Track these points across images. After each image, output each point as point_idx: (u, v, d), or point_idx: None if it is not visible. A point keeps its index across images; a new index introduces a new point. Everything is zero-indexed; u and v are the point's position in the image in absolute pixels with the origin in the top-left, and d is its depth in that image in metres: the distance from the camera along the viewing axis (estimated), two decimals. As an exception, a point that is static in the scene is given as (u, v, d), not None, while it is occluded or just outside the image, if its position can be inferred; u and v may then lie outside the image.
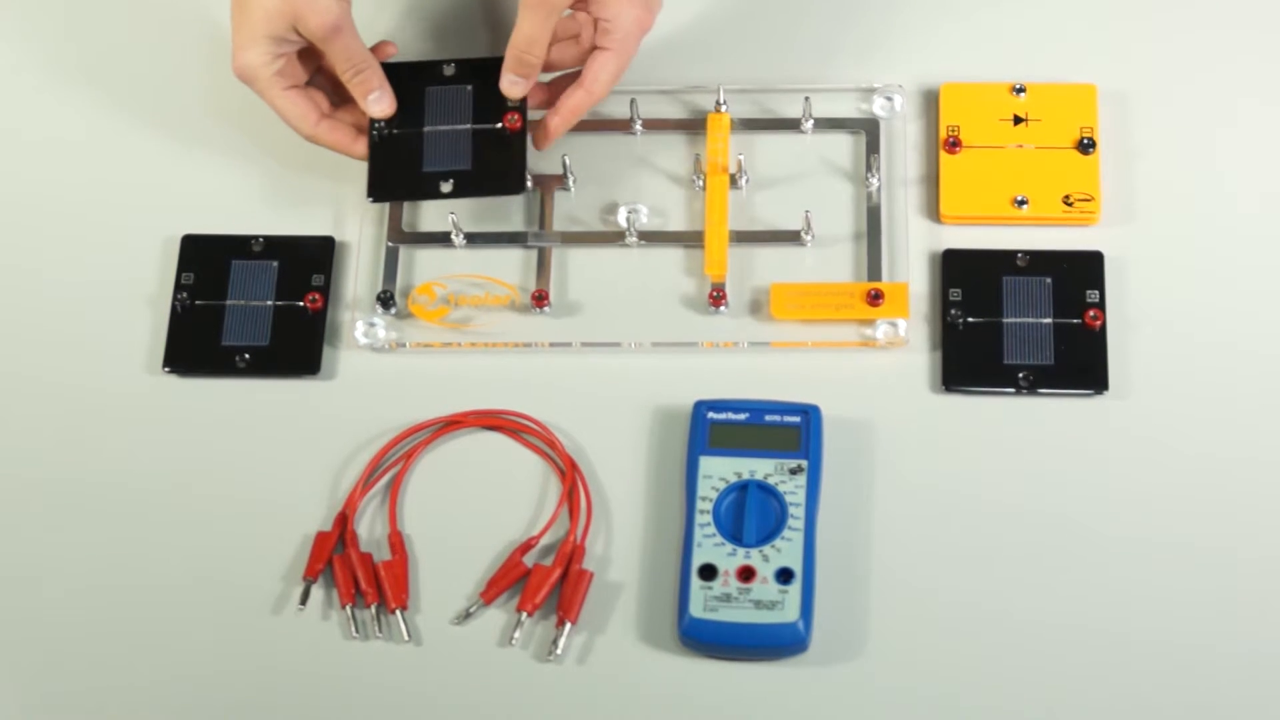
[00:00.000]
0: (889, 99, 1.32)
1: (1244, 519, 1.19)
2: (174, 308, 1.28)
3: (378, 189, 1.27)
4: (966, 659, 1.16)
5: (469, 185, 1.27)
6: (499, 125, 1.28)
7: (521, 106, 1.27)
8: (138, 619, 1.20)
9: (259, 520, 1.22)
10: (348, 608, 1.18)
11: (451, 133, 1.28)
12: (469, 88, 1.29)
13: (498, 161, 1.27)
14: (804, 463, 1.19)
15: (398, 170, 1.27)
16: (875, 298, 1.25)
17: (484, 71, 1.28)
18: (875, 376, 1.24)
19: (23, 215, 1.33)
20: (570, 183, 1.31)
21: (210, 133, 1.34)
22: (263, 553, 1.21)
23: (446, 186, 1.26)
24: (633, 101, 1.31)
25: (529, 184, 1.29)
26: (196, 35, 1.37)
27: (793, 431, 1.20)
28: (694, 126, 1.32)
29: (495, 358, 1.26)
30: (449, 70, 1.30)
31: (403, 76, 1.29)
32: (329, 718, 1.17)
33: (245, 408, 1.26)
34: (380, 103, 1.27)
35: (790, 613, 1.15)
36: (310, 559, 1.20)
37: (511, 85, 1.26)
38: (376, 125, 1.28)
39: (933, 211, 1.29)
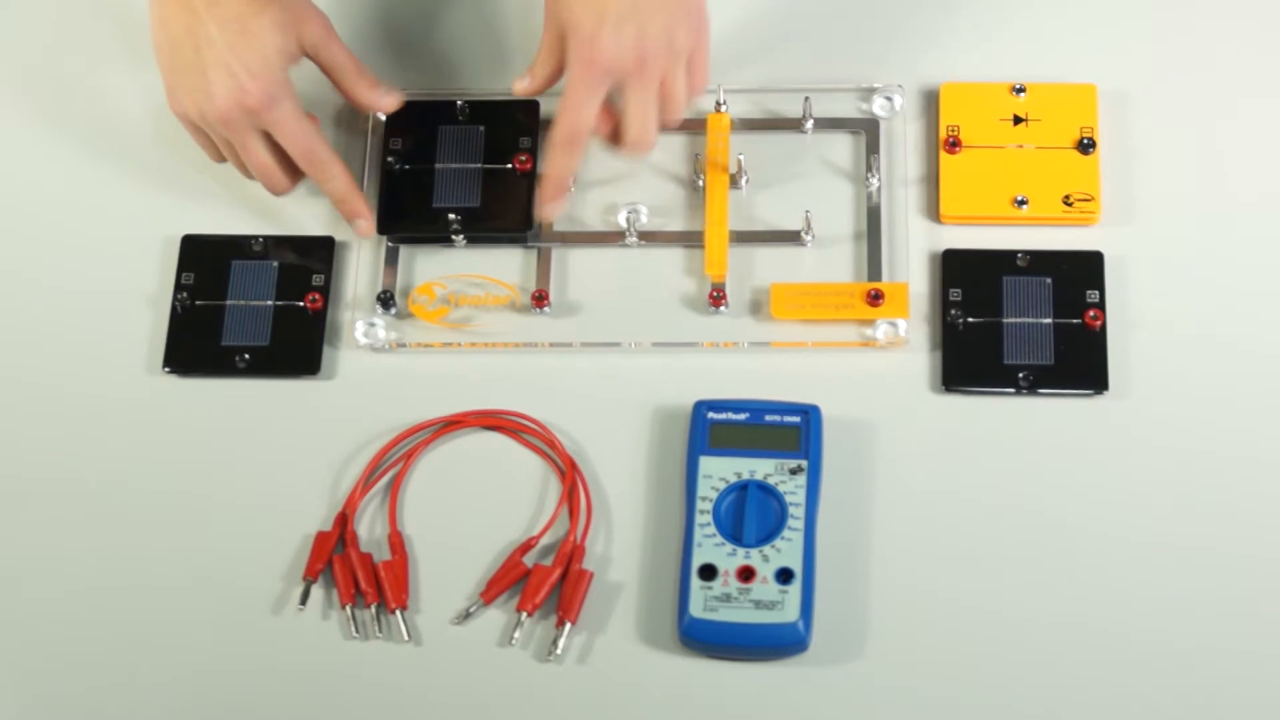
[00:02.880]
0: (889, 99, 1.32)
1: (1244, 519, 1.19)
2: (174, 308, 1.28)
3: (387, 222, 1.29)
4: (966, 659, 1.16)
5: (477, 223, 1.28)
6: (509, 165, 1.28)
7: (532, 148, 1.29)
8: (138, 619, 1.20)
9: (259, 520, 1.22)
10: (348, 608, 1.18)
11: (462, 171, 1.29)
12: (481, 128, 1.30)
13: (506, 200, 1.28)
14: (804, 463, 1.19)
15: (408, 205, 1.29)
16: (875, 298, 1.25)
17: (496, 112, 1.30)
18: (875, 376, 1.24)
19: (23, 216, 1.33)
20: (570, 183, 1.31)
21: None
22: (263, 553, 1.21)
23: (455, 224, 1.27)
24: (633, 101, 1.31)
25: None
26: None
27: (793, 431, 1.20)
28: (694, 126, 1.32)
29: (495, 358, 1.26)
30: (462, 110, 1.30)
31: (416, 114, 1.30)
32: (329, 718, 1.17)
33: (245, 408, 1.26)
34: (391, 94, 1.28)
35: (790, 613, 1.15)
36: (310, 559, 1.20)
37: (550, 210, 1.27)
38: (388, 160, 1.29)
39: (933, 211, 1.29)
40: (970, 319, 1.24)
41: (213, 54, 1.22)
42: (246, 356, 1.26)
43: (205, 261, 1.29)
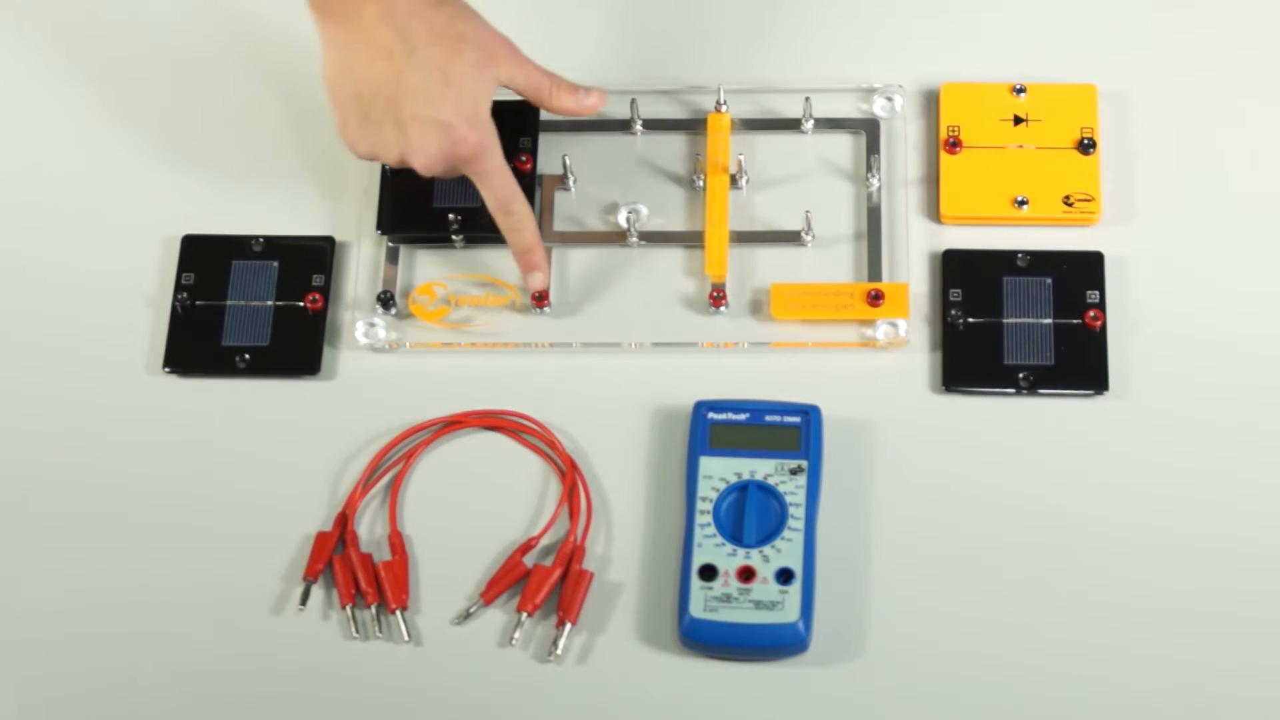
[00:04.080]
0: (889, 99, 1.32)
1: (1244, 519, 1.19)
2: (174, 308, 1.28)
3: (388, 223, 1.29)
4: (966, 659, 1.16)
5: (477, 223, 1.28)
6: (510, 166, 1.29)
7: (532, 148, 1.29)
8: (138, 619, 1.20)
9: (259, 520, 1.22)
10: (348, 608, 1.18)
11: None
12: None
13: None
14: (804, 463, 1.19)
15: (408, 205, 1.29)
16: (875, 298, 1.25)
17: (498, 112, 1.30)
18: (875, 377, 1.24)
19: (23, 215, 1.33)
20: (570, 183, 1.31)
21: (211, 132, 1.34)
22: (263, 553, 1.21)
23: (455, 224, 1.27)
24: (633, 101, 1.31)
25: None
26: (199, 34, 1.38)
27: (793, 432, 1.20)
28: (694, 126, 1.32)
29: (495, 358, 1.26)
30: None
31: None
32: (329, 718, 1.17)
33: (245, 408, 1.26)
34: (591, 94, 1.26)
35: (790, 613, 1.15)
36: (310, 559, 1.20)
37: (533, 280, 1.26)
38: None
39: (933, 211, 1.29)
40: (970, 319, 1.24)
41: (416, 107, 1.18)
42: (246, 357, 1.26)
43: (205, 261, 1.29)
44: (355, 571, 1.19)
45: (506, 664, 1.17)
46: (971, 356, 1.24)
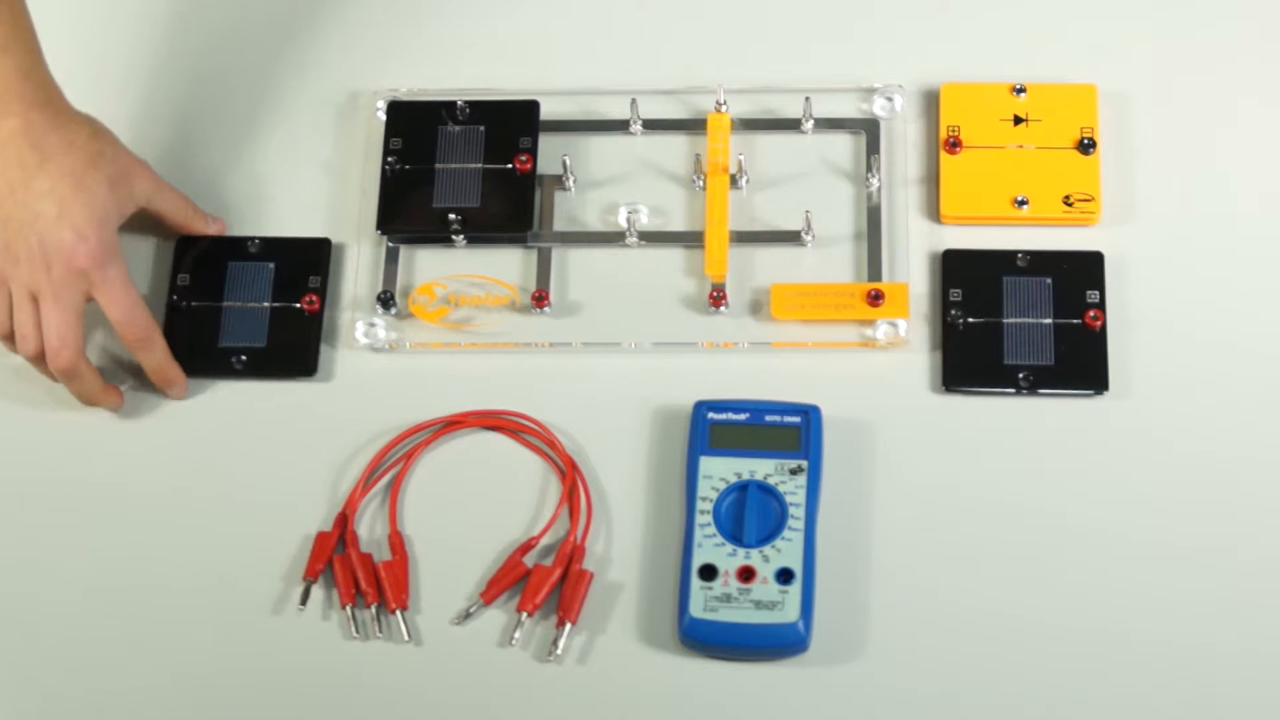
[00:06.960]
0: (889, 99, 1.32)
1: (1244, 519, 1.19)
2: (170, 309, 1.28)
3: (387, 221, 1.29)
4: (966, 659, 1.16)
5: (477, 223, 1.28)
6: (509, 165, 1.28)
7: (532, 148, 1.29)
8: (138, 619, 1.19)
9: (259, 520, 1.22)
10: (348, 608, 1.18)
11: (462, 171, 1.29)
12: (481, 128, 1.30)
13: (506, 201, 1.28)
14: (804, 463, 1.19)
15: (408, 204, 1.29)
16: (875, 298, 1.25)
17: (497, 112, 1.30)
18: (875, 376, 1.24)
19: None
20: (570, 183, 1.31)
21: (206, 133, 1.34)
22: (263, 553, 1.21)
23: (455, 224, 1.27)
24: (633, 101, 1.31)
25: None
26: (195, 35, 1.38)
27: (793, 432, 1.20)
28: (694, 126, 1.32)
29: (495, 358, 1.26)
30: (462, 110, 1.31)
31: (416, 114, 1.30)
32: (329, 718, 1.17)
33: (244, 409, 1.25)
34: (217, 221, 1.29)
35: (790, 613, 1.15)
36: (310, 559, 1.19)
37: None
38: (388, 160, 1.29)
39: (933, 211, 1.29)
40: (970, 319, 1.24)
41: (43, 206, 1.19)
42: (243, 358, 1.26)
43: (202, 263, 1.29)
44: (355, 571, 1.19)
45: (506, 664, 1.17)
46: (971, 356, 1.24)
